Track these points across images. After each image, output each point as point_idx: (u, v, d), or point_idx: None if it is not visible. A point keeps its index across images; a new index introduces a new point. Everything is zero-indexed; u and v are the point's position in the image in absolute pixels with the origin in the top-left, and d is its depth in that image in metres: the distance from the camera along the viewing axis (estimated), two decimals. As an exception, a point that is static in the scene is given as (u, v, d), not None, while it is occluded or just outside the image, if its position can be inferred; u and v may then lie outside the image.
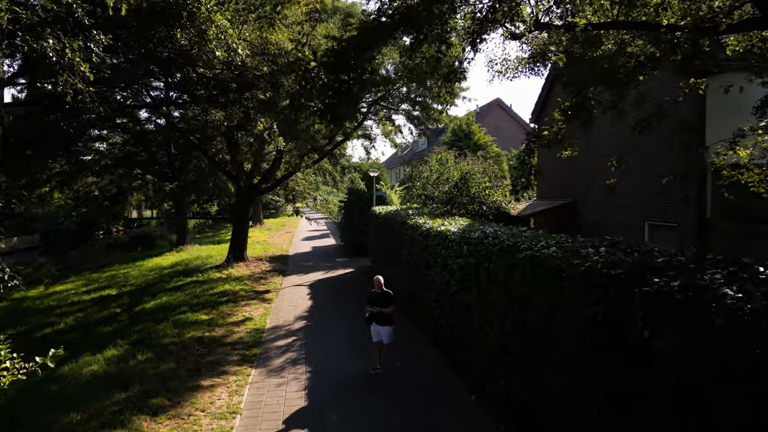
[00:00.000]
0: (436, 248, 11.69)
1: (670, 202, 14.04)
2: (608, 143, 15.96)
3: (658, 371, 4.43)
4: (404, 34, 7.30)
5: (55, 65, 7.70)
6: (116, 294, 19.64)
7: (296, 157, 20.69)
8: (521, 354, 7.36)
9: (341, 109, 7.78)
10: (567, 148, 8.97)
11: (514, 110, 46.96)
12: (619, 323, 5.02)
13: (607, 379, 5.16)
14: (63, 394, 9.68)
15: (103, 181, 35.22)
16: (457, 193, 17.30)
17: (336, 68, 7.50)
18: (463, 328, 10.05)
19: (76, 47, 7.62)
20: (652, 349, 4.51)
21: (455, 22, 7.91)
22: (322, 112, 8.05)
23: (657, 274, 4.66)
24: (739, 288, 3.96)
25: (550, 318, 6.38)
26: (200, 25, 8.50)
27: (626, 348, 4.88)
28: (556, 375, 6.28)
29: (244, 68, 10.46)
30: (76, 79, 7.68)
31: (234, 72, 10.97)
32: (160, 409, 8.82)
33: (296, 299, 17.48)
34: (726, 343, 3.84)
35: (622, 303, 4.96)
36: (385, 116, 23.02)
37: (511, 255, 7.70)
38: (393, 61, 18.37)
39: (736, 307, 3.75)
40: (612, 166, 10.44)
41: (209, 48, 8.80)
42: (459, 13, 7.79)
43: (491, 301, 8.46)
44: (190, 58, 10.52)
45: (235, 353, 11.84)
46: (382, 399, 9.25)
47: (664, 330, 4.38)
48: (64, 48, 7.48)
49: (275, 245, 32.97)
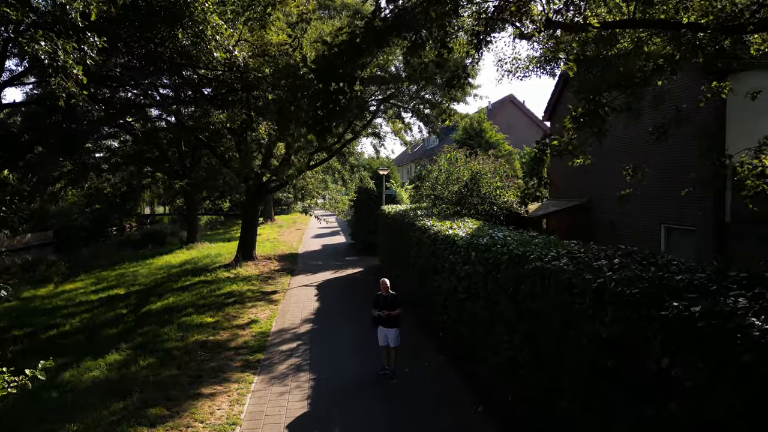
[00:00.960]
0: (443, 253, 11.36)
1: (687, 205, 13.55)
2: (623, 143, 15.48)
3: (678, 403, 4.08)
4: (399, 38, 6.89)
5: (47, 68, 7.48)
6: (124, 294, 19.58)
7: (304, 156, 20.45)
8: (531, 369, 7.02)
9: (329, 122, 7.41)
10: (579, 157, 8.54)
11: (527, 106, 46.37)
12: (635, 347, 4.67)
13: (625, 408, 4.81)
14: (61, 402, 9.51)
15: (115, 178, 35.35)
16: (468, 194, 16.91)
17: (325, 76, 7.13)
18: (470, 337, 9.72)
19: (70, 49, 7.38)
20: (672, 378, 4.16)
21: (461, 21, 7.50)
22: (310, 126, 7.69)
23: (676, 296, 4.30)
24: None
25: (561, 336, 6.03)
26: (198, 25, 8.23)
27: (644, 374, 4.53)
28: (568, 398, 5.93)
29: (245, 70, 10.20)
30: (69, 82, 7.44)
31: (236, 73, 10.71)
32: (159, 420, 8.60)
33: (303, 301, 17.25)
34: (754, 378, 3.48)
35: (638, 326, 4.60)
36: (395, 114, 22.67)
37: (519, 265, 7.35)
38: (402, 59, 18.02)
39: (765, 341, 3.40)
40: (627, 175, 9.95)
41: (207, 48, 8.55)
42: (463, 13, 7.37)
43: (500, 312, 8.12)
44: (190, 59, 10.28)
45: (238, 359, 11.62)
46: (386, 407, 8.98)
47: (684, 359, 4.03)
48: (57, 50, 7.25)
49: (285, 243, 32.82)
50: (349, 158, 25.48)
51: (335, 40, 7.21)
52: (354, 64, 6.91)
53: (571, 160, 8.84)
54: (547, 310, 6.45)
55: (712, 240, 12.48)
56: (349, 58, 6.70)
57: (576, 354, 5.67)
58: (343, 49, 6.77)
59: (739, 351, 3.56)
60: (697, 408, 3.90)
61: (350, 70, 6.94)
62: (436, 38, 6.74)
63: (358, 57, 6.84)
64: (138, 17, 9.40)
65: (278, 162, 24.17)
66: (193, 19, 8.22)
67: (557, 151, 8.23)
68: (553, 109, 19.60)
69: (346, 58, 6.74)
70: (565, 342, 5.95)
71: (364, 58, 7.01)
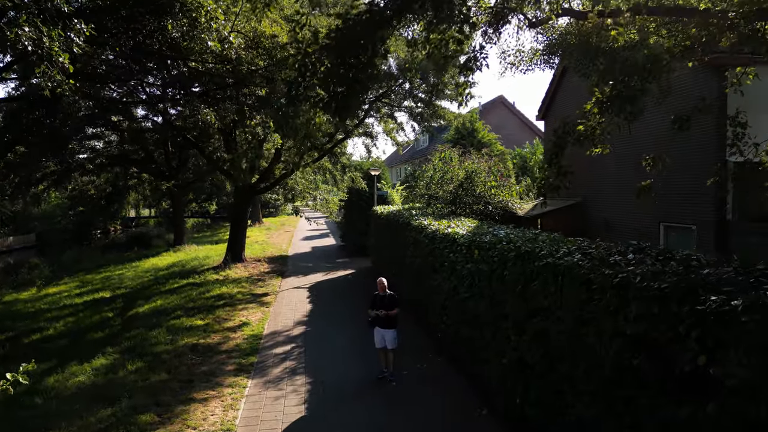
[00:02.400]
0: (443, 252, 11.06)
1: (686, 203, 13.42)
2: (622, 142, 15.32)
3: (719, 403, 3.80)
4: (422, 11, 6.55)
5: (32, 55, 7.08)
6: (110, 297, 19.00)
7: (295, 155, 20.07)
8: (542, 370, 6.72)
9: (350, 100, 7.04)
10: (598, 146, 8.28)
11: (517, 108, 46.39)
12: (664, 344, 4.39)
13: (653, 409, 4.52)
14: (45, 408, 9.03)
15: (99, 180, 34.62)
16: (463, 193, 16.68)
17: (341, 51, 6.76)
18: (472, 337, 9.41)
19: (55, 36, 6.99)
20: (710, 377, 3.88)
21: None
22: (326, 104, 7.32)
23: (712, 290, 4.03)
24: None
25: (577, 334, 5.74)
26: (191, 12, 7.88)
27: (675, 373, 4.25)
28: (586, 401, 5.63)
29: (238, 63, 9.83)
30: (55, 70, 7.05)
31: (227, 66, 10.33)
32: (149, 427, 8.19)
33: (295, 303, 16.86)
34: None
35: (668, 322, 4.33)
36: (387, 114, 22.36)
37: (529, 262, 7.07)
38: (397, 56, 17.75)
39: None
40: (648, 166, 9.69)
41: (201, 38, 8.19)
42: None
43: (506, 311, 7.83)
44: (180, 52, 9.87)
45: (230, 362, 11.22)
46: (386, 410, 8.67)
47: (724, 356, 3.76)
48: (41, 37, 6.85)
49: (274, 245, 32.37)
50: (341, 158, 25.14)
51: (351, 12, 6.87)
52: (374, 36, 6.56)
53: (589, 150, 8.56)
54: (560, 308, 6.17)
55: (714, 238, 12.34)
56: (368, 30, 6.34)
57: (595, 353, 5.38)
58: (361, 21, 6.40)
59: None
60: (741, 408, 3.62)
61: (371, 43, 6.59)
62: (460, 12, 6.43)
63: (382, 28, 6.48)
64: (125, 6, 9.01)
65: (267, 163, 23.74)
66: (186, 5, 7.87)
67: (582, 135, 7.95)
68: (547, 108, 19.46)
69: (365, 31, 6.38)
70: (582, 341, 5.66)
71: (386, 30, 6.65)
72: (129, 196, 45.32)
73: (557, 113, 18.87)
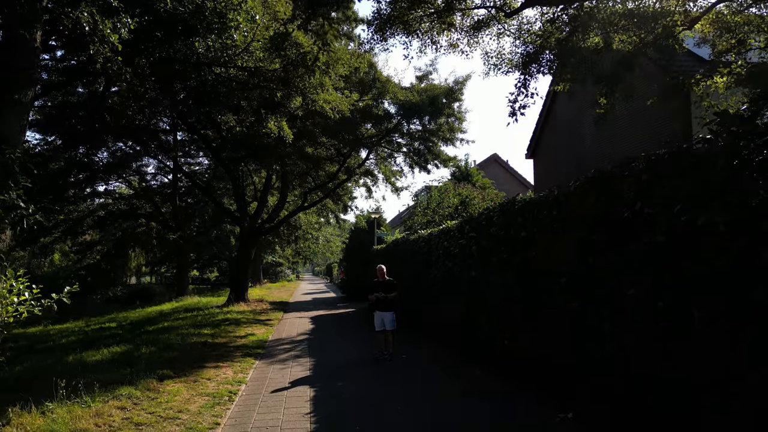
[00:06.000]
0: (440, 244, 11.91)
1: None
2: (603, 142, 16.10)
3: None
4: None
5: (87, 36, 8.38)
6: (116, 325, 19.54)
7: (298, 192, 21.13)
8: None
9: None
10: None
11: (511, 165, 48.10)
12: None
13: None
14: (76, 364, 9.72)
15: (105, 238, 35.58)
16: (457, 217, 17.71)
17: None
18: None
19: (109, 24, 8.35)
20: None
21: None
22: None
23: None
24: None
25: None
26: (228, 30, 9.29)
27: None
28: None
29: (257, 63, 11.00)
30: (106, 48, 8.35)
31: (245, 70, 11.49)
32: (167, 377, 8.83)
33: (298, 325, 17.45)
34: None
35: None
36: (387, 155, 23.78)
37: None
38: (394, 95, 19.36)
39: None
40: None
41: (229, 33, 9.53)
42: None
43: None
44: (207, 61, 11.12)
45: (239, 351, 11.83)
46: (388, 372, 9.31)
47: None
48: (96, 22, 8.20)
49: (275, 296, 32.91)
50: (343, 197, 26.32)
51: None
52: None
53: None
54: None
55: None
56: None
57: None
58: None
59: None
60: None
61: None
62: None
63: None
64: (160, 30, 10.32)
65: (274, 204, 24.86)
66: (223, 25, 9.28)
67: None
68: (536, 146, 20.83)
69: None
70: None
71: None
72: (131, 260, 46.04)
73: (545, 150, 20.26)
